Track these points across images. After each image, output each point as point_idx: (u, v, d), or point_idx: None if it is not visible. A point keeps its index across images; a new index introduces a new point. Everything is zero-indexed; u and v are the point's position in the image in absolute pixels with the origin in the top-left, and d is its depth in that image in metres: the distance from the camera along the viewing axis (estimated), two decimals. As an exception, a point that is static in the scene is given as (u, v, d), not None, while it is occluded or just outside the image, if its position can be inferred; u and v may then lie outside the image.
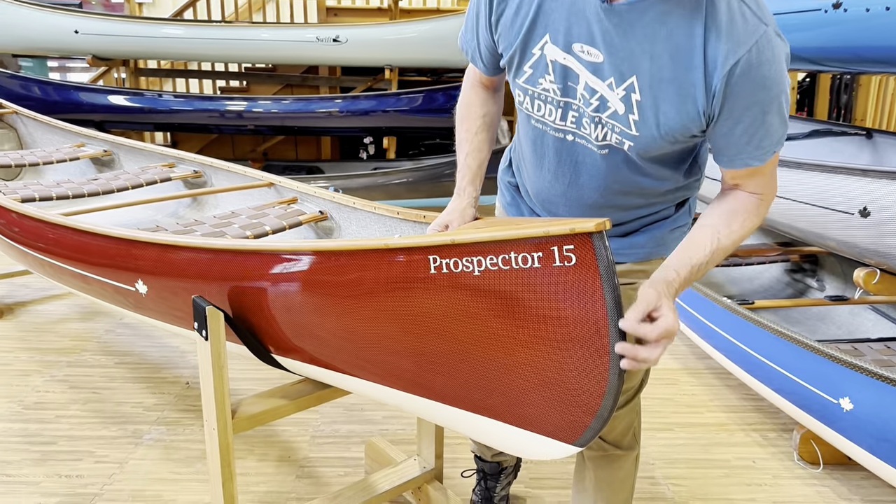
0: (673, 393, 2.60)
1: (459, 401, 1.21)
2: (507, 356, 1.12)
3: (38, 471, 2.07)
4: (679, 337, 3.07)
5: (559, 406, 1.10)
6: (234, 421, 1.44)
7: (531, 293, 1.06)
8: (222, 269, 1.39)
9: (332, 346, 1.33)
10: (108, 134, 3.39)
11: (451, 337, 1.16)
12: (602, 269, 1.00)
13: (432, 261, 1.13)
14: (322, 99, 5.21)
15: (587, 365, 1.04)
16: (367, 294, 1.23)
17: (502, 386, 1.15)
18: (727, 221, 1.16)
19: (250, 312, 1.40)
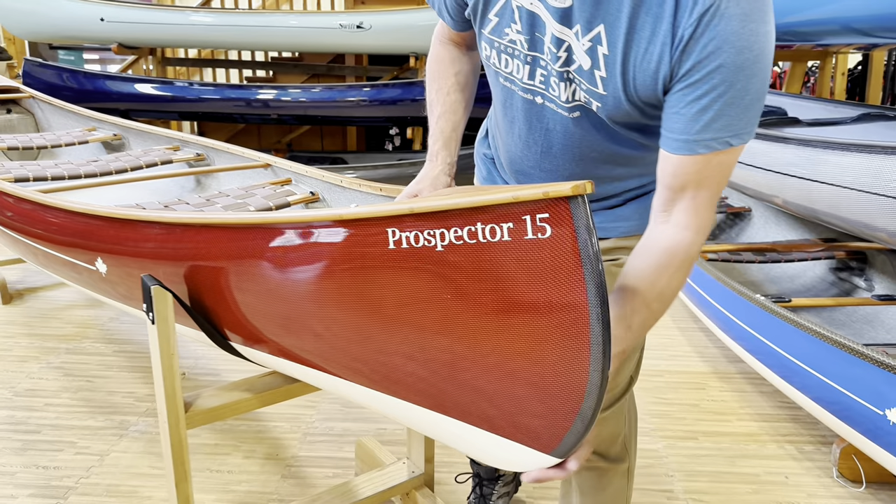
0: (699, 398, 2.38)
1: (421, 398, 1.05)
2: (472, 347, 0.95)
3: (17, 461, 1.98)
4: (709, 338, 2.84)
5: (532, 408, 0.92)
6: (188, 415, 1.30)
7: (500, 272, 0.88)
8: (174, 245, 1.26)
9: (289, 333, 1.18)
10: (125, 119, 3.32)
11: (413, 323, 1.00)
12: (582, 244, 0.82)
13: (391, 234, 0.97)
14: (350, 87, 5.10)
15: (564, 359, 0.87)
16: (320, 274, 1.07)
17: (468, 382, 0.98)
18: (641, 286, 0.97)
19: (203, 294, 1.26)
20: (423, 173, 1.14)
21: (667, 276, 0.95)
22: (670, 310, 3.16)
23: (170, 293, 1.22)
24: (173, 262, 1.27)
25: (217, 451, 2.04)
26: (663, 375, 2.53)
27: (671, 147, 0.95)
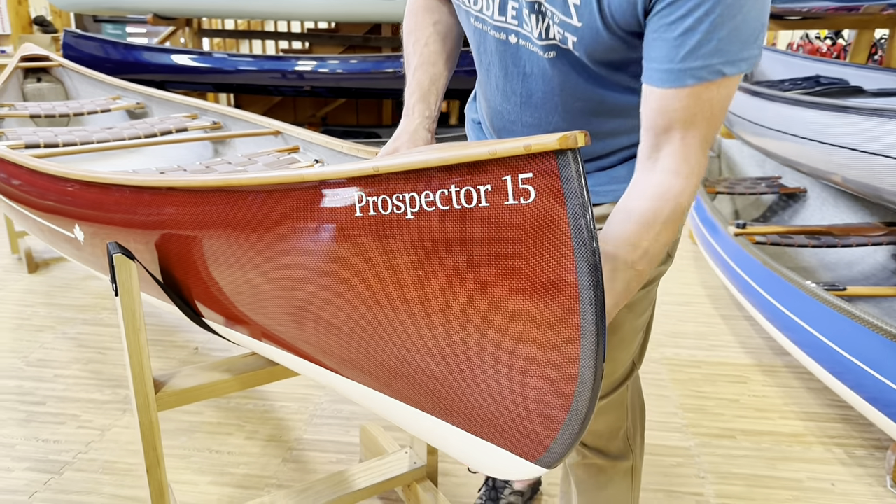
0: (739, 393, 2.18)
1: (390, 385, 0.91)
2: (445, 334, 0.80)
3: (19, 432, 1.93)
4: (754, 327, 2.63)
5: (512, 409, 0.78)
6: (159, 396, 1.19)
7: (477, 245, 0.74)
8: (140, 211, 1.14)
9: (254, 308, 1.05)
10: (149, 88, 3.26)
11: (382, 303, 0.86)
12: (572, 211, 0.66)
13: (357, 199, 0.83)
14: (386, 58, 4.96)
15: (549, 353, 0.72)
16: (283, 243, 0.94)
17: (440, 373, 0.83)
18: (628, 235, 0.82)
19: (172, 264, 1.15)
20: (400, 129, 1.00)
21: (654, 232, 0.81)
22: (711, 295, 2.95)
23: (134, 263, 1.11)
24: (140, 230, 1.16)
25: (219, 431, 1.95)
26: (700, 367, 2.34)
27: (654, 79, 0.81)
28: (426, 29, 1.07)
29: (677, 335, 2.57)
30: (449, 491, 1.70)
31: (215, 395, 1.24)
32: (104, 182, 1.20)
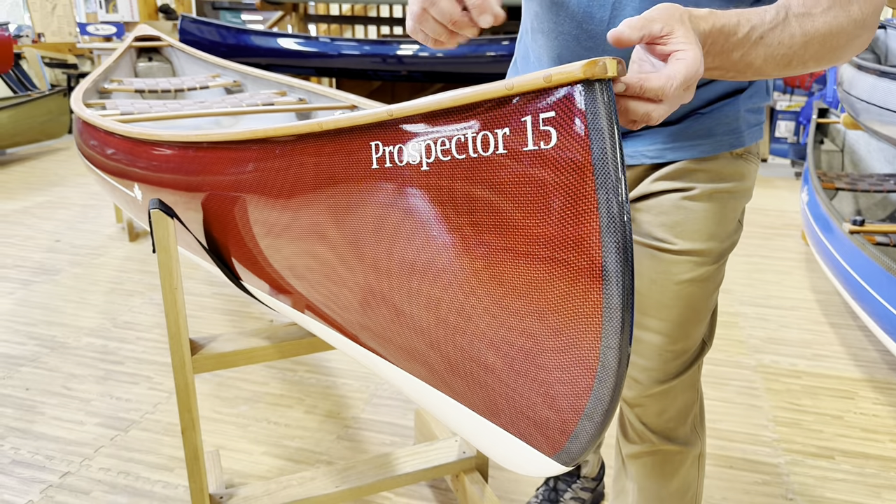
0: (844, 409, 1.94)
1: (405, 360, 0.83)
2: (455, 300, 0.71)
3: (96, 389, 2.01)
4: (868, 338, 2.34)
5: (523, 392, 0.67)
6: (195, 358, 1.17)
7: (491, 201, 0.64)
8: (180, 166, 1.12)
9: (280, 270, 1.00)
10: (246, 66, 3.35)
11: (397, 266, 0.78)
12: (598, 157, 0.55)
13: (374, 149, 0.75)
14: (489, 41, 4.88)
15: (564, 331, 0.61)
16: (302, 199, 0.88)
17: (451, 344, 0.74)
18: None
19: (211, 223, 1.12)
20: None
21: (830, 5, 0.72)
22: (822, 301, 2.66)
23: (172, 219, 1.09)
24: (180, 188, 1.14)
25: (280, 403, 1.95)
26: (801, 377, 2.10)
27: None
28: None
29: (777, 341, 2.33)
30: (500, 486, 1.60)
31: (253, 361, 1.21)
32: (147, 139, 1.19)
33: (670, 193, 0.92)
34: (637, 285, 0.96)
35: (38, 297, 2.66)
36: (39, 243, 3.27)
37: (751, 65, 0.71)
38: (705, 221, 0.92)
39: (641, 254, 0.95)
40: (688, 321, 0.96)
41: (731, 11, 0.69)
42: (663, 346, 0.97)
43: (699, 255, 0.92)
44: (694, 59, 0.59)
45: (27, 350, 2.24)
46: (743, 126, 0.93)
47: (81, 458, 1.70)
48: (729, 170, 0.93)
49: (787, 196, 4.15)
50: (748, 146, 0.94)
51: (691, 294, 0.94)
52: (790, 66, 0.72)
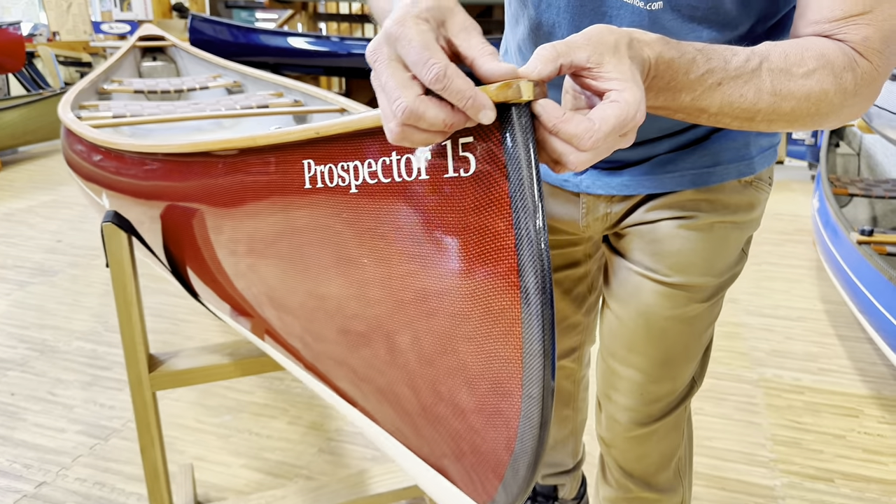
0: (847, 428, 1.86)
1: (342, 380, 0.79)
2: (381, 337, 0.66)
3: (81, 395, 1.99)
4: (876, 352, 2.25)
5: (452, 432, 0.62)
6: (153, 375, 1.13)
7: (416, 228, 0.59)
8: (134, 175, 1.08)
9: (233, 289, 0.96)
10: (247, 67, 3.32)
11: (331, 293, 0.73)
12: (515, 187, 0.50)
13: (306, 168, 0.71)
14: (499, 41, 4.80)
15: (487, 367, 0.55)
16: (248, 219, 0.83)
17: (379, 371, 0.70)
18: (794, 51, 0.62)
19: (167, 237, 1.08)
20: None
21: (822, 62, 0.62)
22: (831, 312, 2.57)
23: (125, 233, 1.05)
24: (138, 199, 1.10)
25: (264, 413, 1.91)
26: (803, 393, 2.02)
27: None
28: None
29: (782, 354, 2.25)
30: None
31: (213, 379, 1.17)
32: (109, 147, 1.16)
33: (666, 221, 0.84)
34: (622, 315, 0.90)
35: (33, 298, 2.66)
36: (40, 243, 3.27)
37: (704, 111, 0.61)
38: (703, 253, 0.84)
39: (629, 281, 0.88)
40: (675, 361, 0.89)
41: (690, 45, 0.59)
42: (646, 385, 0.90)
43: (692, 290, 0.85)
44: (629, 103, 0.49)
45: (17, 354, 2.23)
46: (754, 151, 0.84)
47: (59, 467, 1.68)
48: (736, 199, 0.84)
49: (802, 200, 4.04)
50: (759, 173, 0.85)
51: (681, 332, 0.87)
52: (753, 121, 0.63)
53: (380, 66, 0.49)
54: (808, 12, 0.64)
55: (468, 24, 0.52)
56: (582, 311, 1.10)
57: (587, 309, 1.11)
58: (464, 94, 0.46)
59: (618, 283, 0.90)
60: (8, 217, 3.68)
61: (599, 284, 1.09)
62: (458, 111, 0.48)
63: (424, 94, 0.48)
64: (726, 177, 0.82)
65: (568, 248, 1.02)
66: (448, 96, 0.47)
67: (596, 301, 1.12)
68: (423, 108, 0.47)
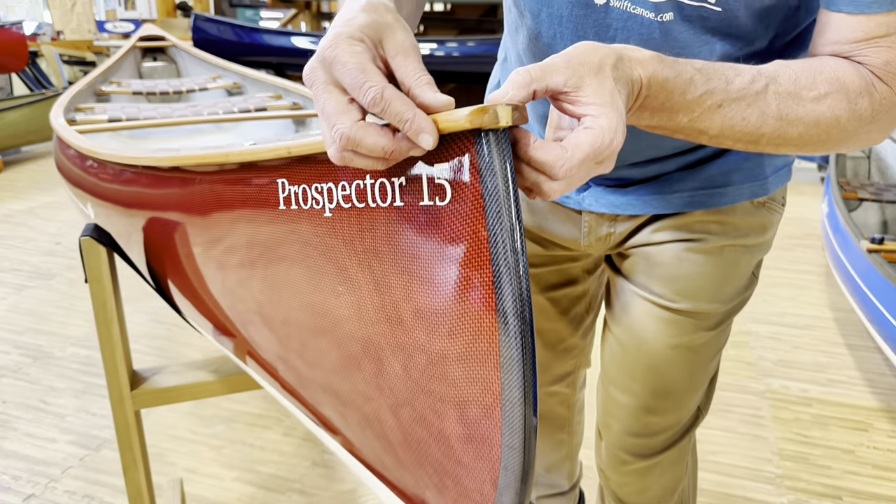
0: (856, 443, 1.81)
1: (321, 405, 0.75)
2: (356, 362, 0.62)
3: (73, 403, 1.96)
4: (886, 363, 2.19)
5: (436, 466, 0.58)
6: (135, 394, 1.10)
7: (390, 257, 0.55)
8: (117, 188, 1.05)
9: (213, 307, 0.92)
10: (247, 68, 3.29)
11: (306, 312, 0.70)
12: (492, 219, 0.46)
13: (281, 187, 0.67)
14: (500, 44, 4.76)
15: (463, 412, 0.51)
16: (226, 236, 0.80)
17: (358, 400, 0.66)
18: (805, 73, 0.57)
19: (148, 251, 1.04)
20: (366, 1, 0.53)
21: (835, 87, 0.57)
22: (840, 320, 2.51)
23: (104, 247, 1.01)
24: (119, 211, 1.06)
25: (258, 423, 1.88)
26: (811, 405, 1.97)
27: (857, 4, 0.57)
28: None
29: (789, 364, 2.19)
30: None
31: (198, 397, 1.13)
32: (93, 155, 1.12)
33: (673, 243, 0.80)
34: (624, 341, 0.85)
35: (29, 302, 2.63)
36: (39, 245, 3.25)
37: (704, 132, 0.57)
38: (711, 278, 0.79)
39: (633, 305, 0.84)
40: (680, 391, 0.84)
41: (689, 63, 0.55)
42: (648, 416, 0.86)
43: (699, 317, 0.80)
44: (604, 129, 0.46)
45: (10, 360, 2.20)
46: (768, 170, 0.79)
47: (48, 479, 1.65)
48: (747, 221, 0.80)
49: (812, 203, 3.98)
50: (773, 193, 0.81)
51: (686, 361, 0.83)
52: (758, 144, 0.59)
53: (317, 90, 0.47)
54: (827, 31, 0.59)
55: (406, 46, 0.49)
56: (579, 333, 1.05)
57: (584, 331, 1.06)
58: (402, 116, 0.44)
59: (620, 306, 0.85)
60: (8, 218, 3.66)
61: (597, 305, 1.05)
62: (401, 139, 0.46)
63: (364, 119, 0.46)
64: (738, 198, 0.78)
65: (566, 265, 0.98)
66: (387, 119, 0.45)
67: (593, 323, 1.07)
68: (361, 135, 0.45)
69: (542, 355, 1.05)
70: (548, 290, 0.98)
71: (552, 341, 1.04)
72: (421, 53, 0.51)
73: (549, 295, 0.98)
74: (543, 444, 1.21)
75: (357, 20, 0.48)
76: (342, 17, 0.50)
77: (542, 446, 1.21)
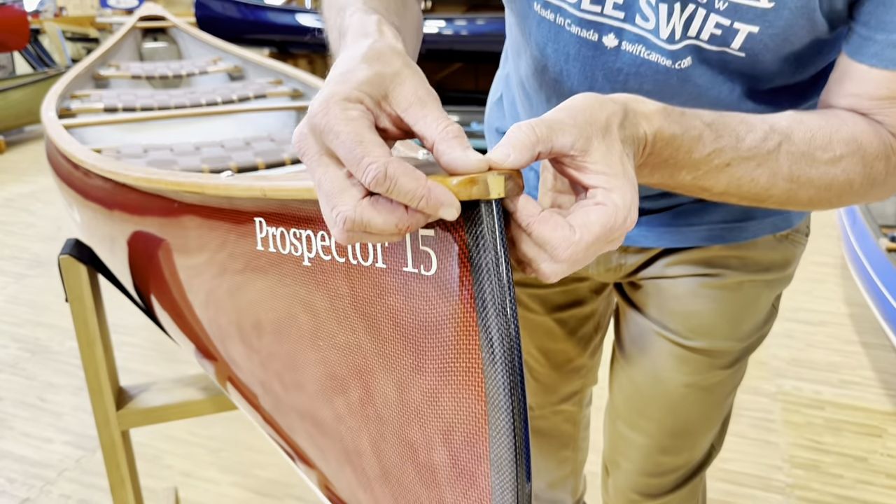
0: (870, 449, 1.75)
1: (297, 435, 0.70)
2: (335, 431, 0.57)
3: (70, 401, 1.93)
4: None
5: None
6: (121, 414, 1.05)
7: (372, 320, 0.49)
8: (99, 199, 1.00)
9: (194, 321, 0.88)
10: (247, 51, 3.21)
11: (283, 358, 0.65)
12: (482, 298, 0.40)
13: (258, 227, 0.61)
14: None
15: (453, 487, 0.46)
16: (204, 265, 0.74)
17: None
18: (821, 132, 0.52)
19: (133, 267, 0.99)
20: (370, 44, 0.45)
21: (852, 148, 0.52)
22: (855, 316, 2.44)
23: (85, 266, 0.96)
24: (101, 223, 1.01)
25: (257, 423, 1.84)
26: (824, 408, 1.92)
27: (883, 58, 0.51)
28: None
29: (802, 364, 2.14)
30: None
31: (186, 416, 1.09)
32: (76, 161, 1.07)
33: (689, 277, 0.74)
34: (634, 376, 0.81)
35: (29, 293, 2.60)
36: (40, 231, 3.21)
37: (707, 190, 0.52)
38: (729, 315, 0.74)
39: (644, 340, 0.79)
40: (692, 431, 0.79)
41: (698, 117, 0.49)
42: (659, 455, 0.81)
43: (715, 355, 0.75)
44: (618, 207, 0.40)
45: (8, 354, 2.17)
46: None
47: (43, 482, 1.62)
48: (769, 256, 0.74)
49: (826, 189, 3.88)
50: (797, 225, 0.75)
51: (700, 400, 0.78)
52: (764, 203, 0.54)
53: (310, 162, 0.39)
54: (847, 82, 0.53)
55: (421, 94, 0.40)
56: (587, 353, 1.00)
57: (592, 350, 1.01)
58: (414, 195, 0.36)
59: (630, 339, 0.80)
60: (9, 203, 3.62)
61: (606, 324, 1.00)
62: (415, 211, 0.38)
63: (368, 196, 0.38)
64: (760, 232, 0.72)
65: (572, 285, 0.92)
66: (397, 199, 0.37)
67: (601, 341, 1.02)
68: (368, 216, 0.37)
69: (550, 376, 1.02)
70: (555, 310, 0.93)
71: (559, 362, 1.00)
72: (438, 98, 0.43)
73: (555, 316, 0.94)
74: (548, 462, 1.18)
75: (355, 75, 0.40)
76: (339, 70, 0.42)
77: (547, 463, 1.18)
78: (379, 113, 0.40)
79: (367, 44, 0.43)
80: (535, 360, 0.99)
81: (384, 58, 0.42)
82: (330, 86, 0.39)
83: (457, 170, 0.38)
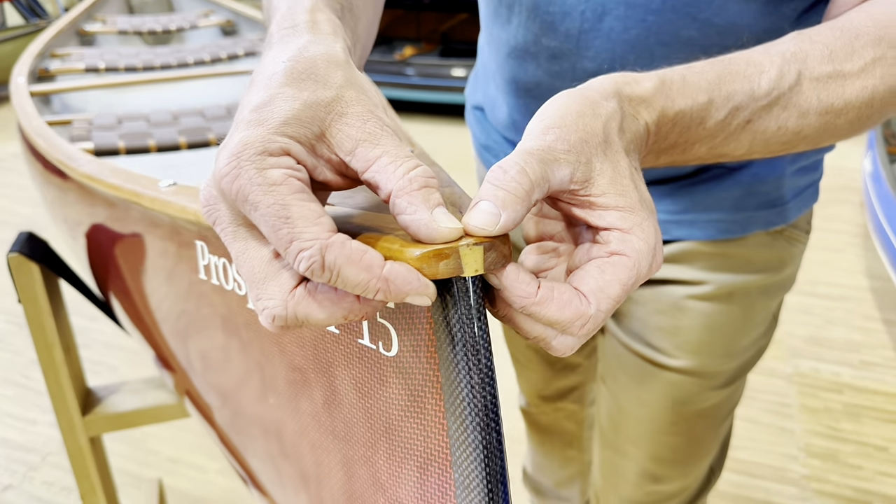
0: (891, 438, 1.67)
1: None
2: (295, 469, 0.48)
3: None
4: (929, 345, 2.03)
5: None
6: (88, 419, 0.97)
7: (320, 390, 0.39)
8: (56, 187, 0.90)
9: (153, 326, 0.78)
10: (239, 4, 3.04)
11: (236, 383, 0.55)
12: (452, 396, 0.29)
13: (200, 252, 0.51)
14: None
15: None
16: (149, 275, 0.65)
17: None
18: (840, 42, 0.43)
19: (91, 262, 0.90)
20: (295, 52, 0.33)
21: (876, 56, 0.43)
22: (878, 290, 2.33)
23: (37, 265, 0.86)
24: (56, 209, 0.91)
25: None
26: (843, 392, 1.83)
27: None
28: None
29: (820, 342, 2.04)
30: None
31: (158, 420, 1.01)
32: (33, 142, 0.96)
33: (672, 285, 0.64)
34: (620, 399, 0.72)
35: (17, 260, 2.51)
36: (32, 194, 3.11)
37: (725, 156, 0.43)
38: (721, 330, 0.65)
39: (626, 360, 0.70)
40: (687, 457, 0.71)
41: (700, 74, 0.39)
42: (652, 484, 0.73)
43: (706, 377, 0.66)
44: (641, 253, 0.30)
45: (-6, 327, 2.10)
46: (788, 193, 0.63)
47: (27, 467, 1.56)
48: (762, 255, 0.64)
49: (849, 150, 3.70)
50: (794, 220, 0.65)
51: (694, 425, 0.69)
52: (793, 148, 0.44)
53: (224, 236, 0.28)
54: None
55: (371, 127, 0.29)
56: (583, 353, 0.91)
57: (588, 352, 0.92)
58: (366, 287, 0.26)
59: (613, 357, 0.71)
60: (1, 163, 3.51)
61: None
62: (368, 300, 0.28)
63: (304, 282, 0.27)
64: (750, 227, 0.62)
65: None
66: (342, 288, 0.26)
67: (596, 340, 0.93)
68: (304, 312, 0.27)
69: (542, 371, 0.94)
70: None
71: (550, 360, 0.92)
72: (395, 125, 0.32)
73: None
74: (552, 460, 1.11)
75: (276, 110, 0.28)
76: (253, 100, 0.29)
77: (551, 462, 1.11)
78: (314, 162, 0.29)
79: (293, 50, 0.32)
80: (523, 357, 0.92)
81: (317, 73, 0.30)
82: (241, 129, 0.27)
83: (420, 238, 0.27)
